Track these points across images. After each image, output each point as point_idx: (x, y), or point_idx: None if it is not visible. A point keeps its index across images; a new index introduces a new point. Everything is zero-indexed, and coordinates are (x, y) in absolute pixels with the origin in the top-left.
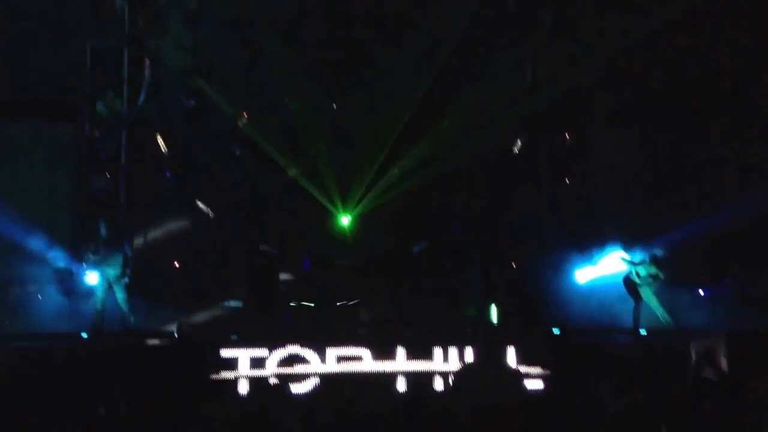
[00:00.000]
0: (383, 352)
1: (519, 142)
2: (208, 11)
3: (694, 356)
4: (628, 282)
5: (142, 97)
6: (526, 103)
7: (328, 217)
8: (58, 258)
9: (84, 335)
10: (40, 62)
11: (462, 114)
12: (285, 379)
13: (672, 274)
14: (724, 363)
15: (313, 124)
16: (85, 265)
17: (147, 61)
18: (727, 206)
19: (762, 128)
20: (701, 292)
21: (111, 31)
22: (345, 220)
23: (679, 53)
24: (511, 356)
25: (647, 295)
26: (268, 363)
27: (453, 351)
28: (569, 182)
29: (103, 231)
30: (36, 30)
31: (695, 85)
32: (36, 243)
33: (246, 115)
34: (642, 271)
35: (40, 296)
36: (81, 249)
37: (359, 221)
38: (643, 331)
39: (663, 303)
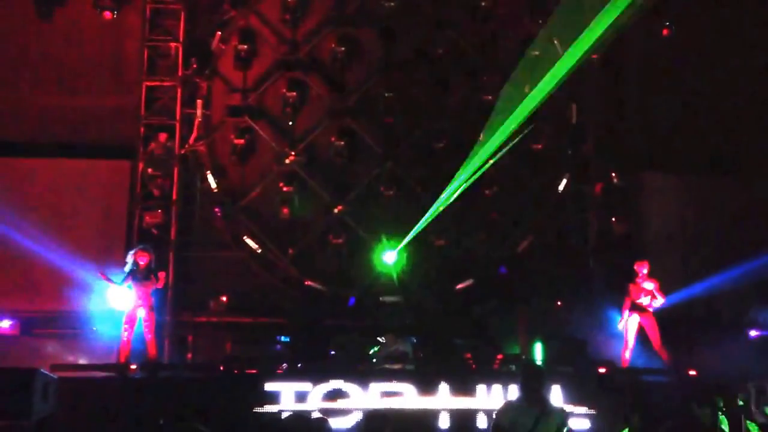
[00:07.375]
0: (427, 388)
1: (565, 180)
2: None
3: (754, 395)
4: None
5: (193, 136)
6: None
7: (375, 254)
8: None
9: (132, 367)
10: (97, 103)
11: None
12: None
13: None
14: None
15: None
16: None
17: (199, 101)
18: None
19: None
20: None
21: (165, 72)
22: (391, 257)
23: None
24: (556, 395)
25: None
26: (311, 397)
27: (497, 388)
28: (616, 222)
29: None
30: (93, 72)
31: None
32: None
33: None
34: None
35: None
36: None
37: (405, 258)
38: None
39: None
